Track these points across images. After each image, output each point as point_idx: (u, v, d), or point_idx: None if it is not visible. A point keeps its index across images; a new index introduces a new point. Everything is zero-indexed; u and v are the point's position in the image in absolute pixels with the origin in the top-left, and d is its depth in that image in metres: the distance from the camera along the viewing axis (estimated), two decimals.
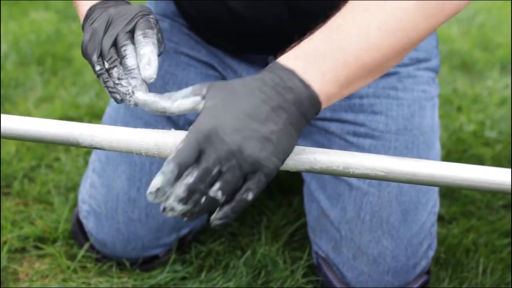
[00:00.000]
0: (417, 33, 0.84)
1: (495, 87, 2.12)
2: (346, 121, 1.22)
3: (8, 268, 1.29)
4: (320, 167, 0.85)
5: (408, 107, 1.21)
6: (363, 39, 0.81)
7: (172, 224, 1.27)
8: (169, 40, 1.25)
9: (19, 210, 1.45)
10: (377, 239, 1.18)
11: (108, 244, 1.27)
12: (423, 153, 1.21)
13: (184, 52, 1.25)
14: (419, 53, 1.24)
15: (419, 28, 0.84)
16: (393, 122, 1.20)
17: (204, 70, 1.24)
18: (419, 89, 1.23)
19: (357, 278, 1.20)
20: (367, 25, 0.81)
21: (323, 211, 1.23)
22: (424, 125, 1.22)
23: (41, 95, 1.93)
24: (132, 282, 1.26)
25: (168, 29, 1.26)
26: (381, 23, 0.82)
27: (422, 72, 1.25)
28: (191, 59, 1.25)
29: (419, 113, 1.22)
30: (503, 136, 1.80)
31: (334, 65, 0.81)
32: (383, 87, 1.21)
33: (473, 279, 1.30)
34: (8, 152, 1.61)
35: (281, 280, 1.27)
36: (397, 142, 1.20)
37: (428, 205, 1.21)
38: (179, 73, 1.24)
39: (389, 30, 0.82)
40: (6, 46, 2.19)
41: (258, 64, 1.21)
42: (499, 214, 1.50)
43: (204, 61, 1.25)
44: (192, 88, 0.80)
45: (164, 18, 1.27)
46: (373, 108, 1.21)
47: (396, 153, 1.19)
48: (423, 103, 1.23)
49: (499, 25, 2.61)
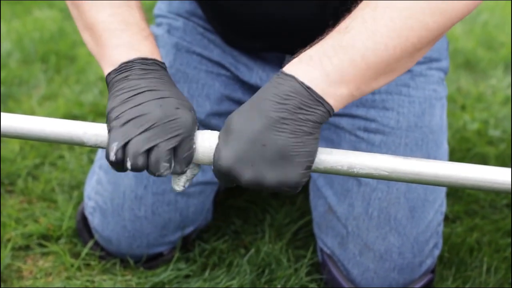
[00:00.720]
0: (427, 32, 0.83)
1: (498, 86, 2.12)
2: (357, 116, 1.21)
3: (12, 266, 1.29)
4: (324, 167, 0.85)
5: (419, 105, 1.21)
6: (370, 38, 0.81)
7: (177, 222, 1.27)
8: (182, 39, 1.25)
9: (23, 208, 1.45)
10: (384, 236, 1.18)
11: (113, 241, 1.28)
12: (432, 151, 1.21)
13: (196, 52, 1.25)
14: (432, 52, 1.24)
15: (429, 28, 0.83)
16: (404, 119, 1.20)
17: (216, 70, 1.25)
18: (430, 88, 1.23)
19: (363, 274, 1.20)
20: (374, 24, 0.81)
21: (330, 207, 1.23)
22: (433, 123, 1.22)
23: (45, 93, 1.93)
24: (136, 280, 1.27)
25: (182, 28, 1.26)
26: (388, 22, 0.81)
27: (434, 72, 1.25)
28: (203, 59, 1.25)
29: (429, 111, 1.22)
30: (506, 134, 1.80)
31: (339, 65, 0.81)
32: (395, 84, 1.21)
33: (477, 278, 1.30)
34: (12, 150, 1.62)
35: (285, 279, 1.27)
36: (408, 139, 1.20)
37: (435, 203, 1.21)
38: (190, 71, 1.24)
39: (397, 29, 0.81)
40: (10, 44, 2.19)
41: (273, 62, 1.22)
42: (502, 213, 1.50)
43: (216, 60, 1.25)
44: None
45: (178, 17, 1.27)
46: (384, 104, 1.21)
47: (406, 149, 1.19)
48: (433, 102, 1.23)
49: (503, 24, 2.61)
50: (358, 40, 0.81)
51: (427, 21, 0.82)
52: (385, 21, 0.81)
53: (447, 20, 0.84)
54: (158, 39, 1.26)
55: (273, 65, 1.22)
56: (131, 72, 0.87)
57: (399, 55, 0.83)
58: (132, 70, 0.88)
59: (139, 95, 0.85)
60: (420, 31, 0.82)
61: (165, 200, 1.24)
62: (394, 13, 0.81)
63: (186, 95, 1.22)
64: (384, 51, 0.81)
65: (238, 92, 1.25)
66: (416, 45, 0.83)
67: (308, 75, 0.81)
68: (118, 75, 0.88)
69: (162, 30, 1.28)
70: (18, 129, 0.88)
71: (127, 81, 0.86)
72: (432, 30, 0.83)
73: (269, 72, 1.23)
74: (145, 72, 0.88)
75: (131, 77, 0.87)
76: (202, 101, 1.23)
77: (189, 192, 1.26)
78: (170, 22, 1.28)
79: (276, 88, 0.82)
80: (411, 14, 0.81)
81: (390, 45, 0.81)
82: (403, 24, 0.81)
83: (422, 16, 0.82)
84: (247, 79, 1.24)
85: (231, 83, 1.26)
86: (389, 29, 0.81)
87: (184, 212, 1.27)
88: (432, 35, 0.84)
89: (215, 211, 1.42)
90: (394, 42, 0.81)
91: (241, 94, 1.26)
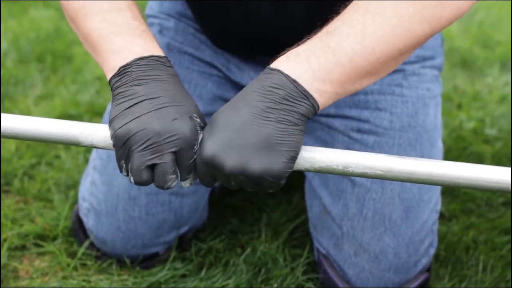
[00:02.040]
0: (414, 40, 0.86)
1: (495, 85, 2.12)
2: (350, 117, 1.21)
3: (8, 266, 1.29)
4: (319, 166, 0.85)
5: (413, 105, 1.21)
6: (358, 42, 0.83)
7: (172, 222, 1.27)
8: (174, 40, 1.25)
9: (19, 208, 1.45)
10: (379, 236, 1.18)
11: (108, 242, 1.27)
12: (426, 150, 1.21)
13: (188, 52, 1.25)
14: (425, 50, 1.24)
15: (415, 35, 0.85)
16: (397, 119, 1.20)
17: (208, 70, 1.25)
18: (424, 87, 1.23)
19: (358, 275, 1.20)
20: (363, 29, 0.83)
21: (325, 208, 1.23)
22: (427, 123, 1.22)
23: (41, 93, 1.93)
24: (132, 280, 1.27)
25: (173, 28, 1.26)
26: (377, 28, 0.83)
27: (427, 70, 1.25)
28: (195, 59, 1.25)
29: (423, 111, 1.22)
30: (503, 133, 1.80)
31: (326, 64, 0.82)
32: (388, 84, 1.21)
33: (473, 277, 1.30)
34: (8, 150, 1.61)
35: (281, 278, 1.27)
36: (401, 139, 1.20)
37: (430, 202, 1.21)
38: (182, 72, 1.24)
39: (385, 35, 0.83)
40: (6, 43, 2.19)
41: (264, 62, 1.21)
42: (499, 212, 1.50)
43: (208, 61, 1.25)
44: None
45: (170, 18, 1.27)
46: (377, 105, 1.21)
47: (400, 150, 1.19)
48: (427, 101, 1.23)
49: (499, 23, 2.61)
50: (346, 44, 0.83)
51: (414, 29, 0.84)
52: (374, 27, 0.83)
53: (434, 28, 0.86)
54: None
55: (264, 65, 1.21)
56: (130, 76, 0.87)
57: (385, 60, 0.85)
58: (131, 74, 0.87)
59: (137, 105, 0.85)
60: (406, 39, 0.85)
61: (159, 201, 1.24)
62: (383, 20, 0.83)
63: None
64: (371, 55, 0.83)
65: (230, 92, 1.25)
66: (402, 50, 0.86)
67: (295, 70, 0.83)
68: (118, 80, 0.88)
69: (153, 30, 1.27)
70: (14, 129, 0.88)
71: (126, 87, 0.87)
72: (419, 37, 0.86)
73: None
74: (143, 73, 0.88)
75: (130, 83, 0.87)
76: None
77: (183, 192, 1.26)
78: (161, 22, 1.28)
79: (262, 81, 0.84)
80: (399, 22, 0.83)
81: (377, 50, 0.83)
82: (391, 31, 0.83)
83: (410, 25, 0.84)
84: (239, 80, 1.24)
85: (224, 83, 1.25)
86: (378, 36, 0.83)
87: (179, 212, 1.27)
88: (418, 42, 0.87)
89: (211, 210, 1.42)
90: (381, 47, 0.84)
91: (234, 94, 1.25)
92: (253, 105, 0.82)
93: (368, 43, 0.83)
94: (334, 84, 0.83)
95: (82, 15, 0.93)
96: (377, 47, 0.83)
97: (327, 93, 0.84)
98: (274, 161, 0.81)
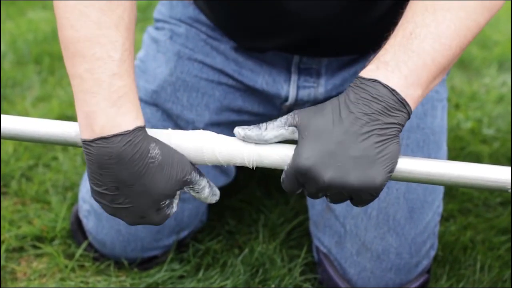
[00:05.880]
0: (478, 29, 0.90)
1: (492, 85, 2.12)
2: None
3: (6, 268, 1.29)
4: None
5: (422, 106, 1.21)
6: (436, 41, 0.86)
7: (172, 227, 1.27)
8: (184, 46, 1.23)
9: (17, 210, 1.45)
10: (382, 236, 1.18)
11: (108, 244, 1.27)
12: (432, 152, 1.21)
13: (198, 59, 1.23)
14: None
15: (481, 24, 0.90)
16: None
17: (217, 78, 1.22)
18: (433, 89, 1.23)
19: (359, 274, 1.20)
20: (437, 27, 0.86)
21: (328, 205, 1.23)
22: (435, 125, 1.22)
23: (39, 94, 1.93)
24: (130, 281, 1.27)
25: (184, 34, 1.24)
26: (449, 24, 0.87)
27: None
28: (204, 66, 1.23)
29: (432, 113, 1.22)
30: (500, 133, 1.81)
31: (415, 69, 0.85)
32: None
33: (471, 277, 1.30)
34: (6, 152, 1.61)
35: (279, 278, 1.27)
36: (409, 140, 1.20)
37: (433, 204, 1.21)
38: (190, 80, 1.22)
39: (457, 29, 0.87)
40: (4, 45, 2.19)
41: (280, 65, 1.20)
42: (496, 212, 1.50)
43: (218, 68, 1.22)
44: (284, 119, 0.86)
45: (181, 23, 1.25)
46: None
47: (408, 150, 1.19)
48: (435, 103, 1.23)
49: (497, 23, 2.61)
50: (426, 44, 0.85)
51: (479, 19, 0.89)
52: (447, 23, 0.86)
53: (492, 15, 0.91)
54: (160, 44, 1.25)
55: (280, 68, 1.21)
56: (92, 156, 0.85)
57: (459, 52, 0.89)
58: (92, 155, 0.84)
59: (112, 195, 0.86)
60: (474, 29, 0.89)
61: None
62: (452, 15, 0.87)
63: (186, 104, 1.22)
64: (449, 51, 0.87)
65: (238, 101, 1.24)
66: (470, 41, 0.90)
67: (390, 79, 0.84)
68: (87, 153, 0.85)
69: (164, 36, 1.25)
70: (13, 130, 0.89)
71: (93, 167, 0.85)
72: (482, 25, 0.90)
73: (275, 77, 1.21)
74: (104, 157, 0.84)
75: (95, 164, 0.85)
76: (201, 110, 1.23)
77: (184, 197, 1.26)
78: (172, 28, 1.25)
79: (360, 92, 0.84)
80: (466, 14, 0.87)
81: (453, 45, 0.87)
82: (462, 25, 0.87)
83: (475, 15, 0.88)
84: (252, 84, 1.22)
85: (231, 92, 1.24)
86: (451, 31, 0.87)
87: (179, 217, 1.27)
88: (480, 30, 0.91)
89: (210, 211, 1.42)
90: (456, 42, 0.87)
91: (241, 102, 1.24)
92: (355, 117, 0.83)
93: (445, 40, 0.86)
94: (423, 87, 0.86)
95: (72, 54, 0.92)
96: (453, 42, 0.86)
97: (418, 97, 0.86)
98: (374, 175, 0.82)
